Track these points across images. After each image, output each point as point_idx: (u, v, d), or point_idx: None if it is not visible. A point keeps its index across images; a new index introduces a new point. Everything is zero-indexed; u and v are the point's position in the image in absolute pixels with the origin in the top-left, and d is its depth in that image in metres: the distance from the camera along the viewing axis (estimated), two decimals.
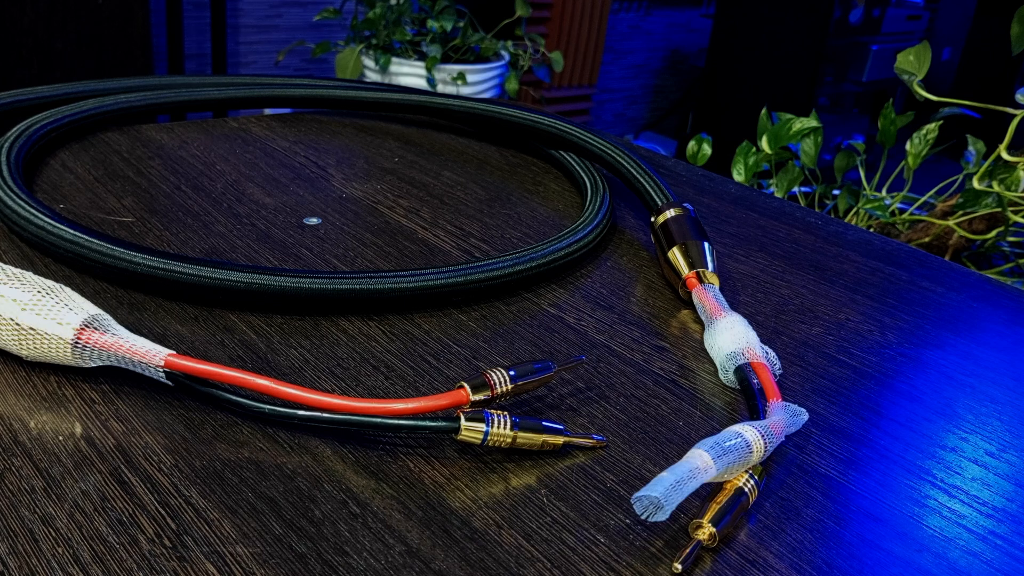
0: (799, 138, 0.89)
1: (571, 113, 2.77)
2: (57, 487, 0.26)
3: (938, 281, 0.48)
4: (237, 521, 0.26)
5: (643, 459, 0.30)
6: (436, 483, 0.28)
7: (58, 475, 0.27)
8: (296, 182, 0.52)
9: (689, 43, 3.24)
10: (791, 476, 0.31)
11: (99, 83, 0.59)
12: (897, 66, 0.77)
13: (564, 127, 0.55)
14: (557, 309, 0.40)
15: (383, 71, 1.78)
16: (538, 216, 0.51)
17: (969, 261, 0.86)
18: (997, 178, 0.75)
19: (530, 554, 0.26)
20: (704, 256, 0.42)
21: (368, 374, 0.34)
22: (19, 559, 0.24)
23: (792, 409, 0.31)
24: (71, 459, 0.27)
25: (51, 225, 0.39)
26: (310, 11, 2.18)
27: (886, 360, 0.39)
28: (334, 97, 0.62)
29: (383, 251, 0.44)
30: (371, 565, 0.25)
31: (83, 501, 0.26)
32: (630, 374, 0.36)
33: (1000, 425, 0.35)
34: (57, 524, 0.25)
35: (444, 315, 0.38)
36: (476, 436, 0.29)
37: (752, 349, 0.35)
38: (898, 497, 0.30)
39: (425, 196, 0.52)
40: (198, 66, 2.04)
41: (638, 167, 0.50)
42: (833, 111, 2.86)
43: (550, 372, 0.32)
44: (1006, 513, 0.30)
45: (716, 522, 0.26)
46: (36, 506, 0.25)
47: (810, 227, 0.54)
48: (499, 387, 0.30)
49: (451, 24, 1.77)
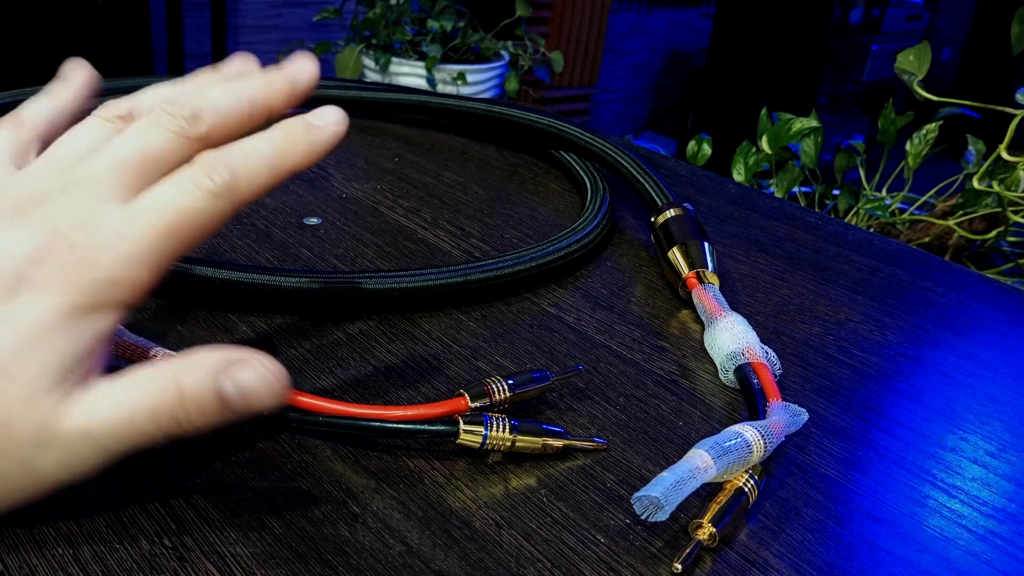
0: (799, 138, 0.89)
1: (571, 113, 2.77)
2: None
3: (938, 281, 0.48)
4: (237, 521, 0.26)
5: (643, 459, 0.30)
6: (436, 483, 0.28)
7: None
8: (296, 182, 0.52)
9: (689, 43, 3.24)
10: (791, 476, 0.31)
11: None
12: (897, 66, 0.77)
13: (564, 127, 0.55)
14: (557, 309, 0.40)
15: (383, 71, 1.78)
16: (538, 216, 0.51)
17: (969, 261, 0.86)
18: (997, 178, 0.75)
19: (530, 554, 0.26)
20: (704, 256, 0.42)
21: (368, 374, 0.34)
22: (19, 559, 0.24)
23: (792, 409, 0.31)
24: None
25: None
26: (310, 11, 2.18)
27: (886, 360, 0.39)
28: (334, 97, 0.62)
29: (383, 251, 0.44)
30: (371, 565, 0.25)
31: (83, 500, 0.26)
32: (630, 374, 0.36)
33: (1000, 425, 0.35)
34: (57, 524, 0.25)
35: (444, 315, 0.39)
36: (475, 440, 0.29)
37: (752, 349, 0.35)
38: (898, 497, 0.30)
39: (425, 196, 0.52)
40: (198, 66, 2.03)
41: (638, 167, 0.50)
42: (833, 111, 2.86)
43: (548, 381, 0.32)
44: (1006, 513, 0.30)
45: (716, 522, 0.26)
46: (36, 506, 0.25)
47: (810, 227, 0.54)
48: (497, 395, 0.30)
49: (451, 24, 1.77)
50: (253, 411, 0.24)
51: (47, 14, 1.63)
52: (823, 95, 2.77)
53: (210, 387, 0.23)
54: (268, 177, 0.25)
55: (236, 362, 0.23)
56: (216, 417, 0.23)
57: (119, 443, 0.23)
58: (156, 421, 0.23)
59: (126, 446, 0.23)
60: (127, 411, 0.23)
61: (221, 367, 0.23)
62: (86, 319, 0.23)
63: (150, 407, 0.23)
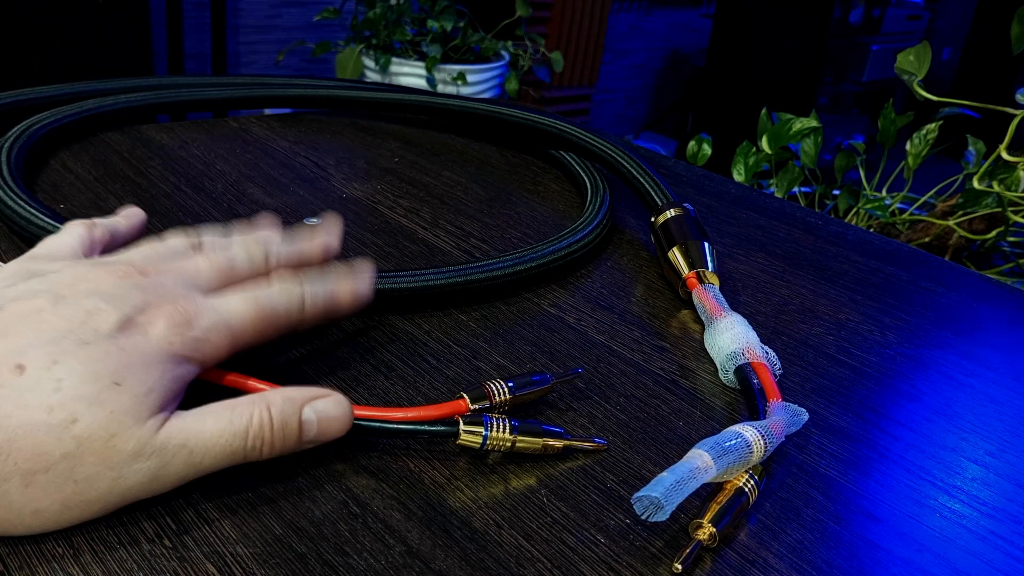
0: (799, 138, 0.89)
1: (571, 113, 2.77)
2: None
3: (938, 281, 0.48)
4: (237, 521, 0.26)
5: (643, 459, 0.30)
6: (436, 483, 0.28)
7: None
8: (296, 182, 0.52)
9: (689, 43, 3.24)
10: (791, 476, 0.31)
11: (99, 83, 0.59)
12: (897, 66, 0.77)
13: (564, 127, 0.55)
14: (557, 309, 0.40)
15: (383, 71, 1.78)
16: (538, 216, 0.51)
17: (969, 261, 0.86)
18: (997, 178, 0.75)
19: (530, 554, 0.26)
20: (704, 256, 0.42)
21: (368, 374, 0.34)
22: (19, 559, 0.24)
23: (792, 409, 0.31)
24: None
25: (51, 225, 0.39)
26: (310, 11, 2.18)
27: (886, 360, 0.39)
28: (334, 97, 0.62)
29: (383, 251, 0.44)
30: (371, 565, 0.25)
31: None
32: (630, 374, 0.36)
33: (1000, 425, 0.35)
34: None
35: (444, 315, 0.39)
36: (475, 440, 0.29)
37: (752, 349, 0.35)
38: (898, 497, 0.30)
39: (425, 196, 0.52)
40: (198, 66, 2.04)
41: (638, 167, 0.50)
42: (833, 111, 2.86)
43: (548, 384, 0.32)
44: (1006, 513, 0.30)
45: (716, 522, 0.26)
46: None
47: (810, 227, 0.54)
48: (497, 398, 0.30)
49: (451, 24, 1.77)
50: (324, 439, 0.28)
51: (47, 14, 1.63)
52: (823, 95, 2.77)
53: (295, 414, 0.27)
54: (323, 313, 0.32)
55: (317, 395, 0.28)
56: (295, 442, 0.27)
57: (211, 458, 0.26)
58: (245, 441, 0.26)
59: (216, 463, 0.26)
60: (222, 429, 0.26)
61: (307, 398, 0.28)
62: (180, 364, 0.27)
63: (243, 428, 0.26)
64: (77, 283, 0.27)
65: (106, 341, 0.25)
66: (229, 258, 0.31)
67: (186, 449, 0.25)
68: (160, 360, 0.26)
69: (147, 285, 0.28)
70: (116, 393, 0.24)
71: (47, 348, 0.24)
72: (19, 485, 0.23)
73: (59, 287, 0.27)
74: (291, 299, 0.30)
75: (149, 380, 0.25)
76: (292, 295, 0.31)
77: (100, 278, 0.27)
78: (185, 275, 0.29)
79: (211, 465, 0.26)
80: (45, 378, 0.24)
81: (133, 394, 0.25)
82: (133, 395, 0.25)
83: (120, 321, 0.26)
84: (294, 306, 0.30)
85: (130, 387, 0.25)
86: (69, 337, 0.25)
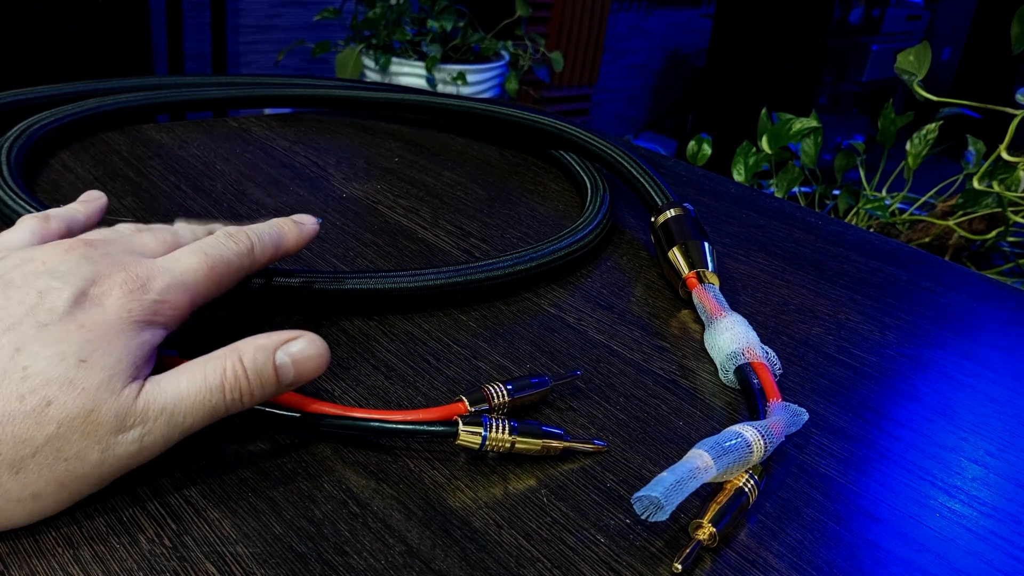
0: (799, 138, 0.89)
1: (571, 113, 2.77)
2: None
3: (938, 281, 0.48)
4: (237, 521, 0.26)
5: (643, 459, 0.30)
6: (436, 483, 0.28)
7: None
8: (296, 182, 0.52)
9: (689, 43, 3.24)
10: (791, 476, 0.31)
11: (99, 83, 0.59)
12: (897, 66, 0.77)
13: (564, 127, 0.55)
14: (557, 309, 0.40)
15: (383, 71, 1.78)
16: (538, 216, 0.51)
17: (969, 261, 0.86)
18: (997, 178, 0.75)
19: (530, 554, 0.26)
20: (704, 256, 0.42)
21: (368, 374, 0.34)
22: (19, 560, 0.24)
23: (792, 409, 0.31)
24: None
25: None
26: (310, 11, 2.18)
27: (886, 360, 0.39)
28: (334, 97, 0.62)
29: (383, 251, 0.44)
30: (371, 565, 0.25)
31: (83, 501, 0.26)
32: (630, 374, 0.36)
33: (1000, 425, 0.35)
34: (57, 525, 0.25)
35: (444, 315, 0.39)
36: (474, 441, 0.29)
37: (752, 349, 0.35)
38: (898, 497, 0.30)
39: (425, 196, 0.52)
40: (198, 66, 2.04)
41: (638, 167, 0.50)
42: (833, 111, 2.86)
43: (547, 386, 0.32)
44: (1006, 513, 0.30)
45: (716, 522, 0.26)
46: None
47: (810, 227, 0.54)
48: (496, 400, 0.30)
49: (451, 24, 1.77)
50: (303, 380, 0.28)
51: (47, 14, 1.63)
52: (823, 95, 2.77)
53: (268, 360, 0.27)
54: (273, 252, 0.33)
55: (289, 337, 0.28)
56: (273, 388, 0.27)
57: (192, 417, 0.26)
58: (223, 395, 0.26)
59: (199, 420, 0.26)
60: (198, 387, 0.26)
61: (278, 342, 0.28)
62: (142, 330, 0.27)
63: (218, 382, 0.26)
64: (24, 265, 0.27)
65: (65, 319, 0.25)
66: (173, 232, 0.32)
67: (166, 412, 0.25)
68: (122, 330, 0.26)
69: (95, 256, 0.28)
70: (84, 370, 0.24)
71: (7, 336, 0.24)
72: (9, 473, 0.23)
73: (6, 273, 0.27)
74: (239, 244, 0.31)
75: (115, 352, 0.25)
76: (240, 240, 0.31)
77: (47, 256, 0.27)
78: (132, 247, 0.30)
79: (194, 424, 0.26)
80: (11, 367, 0.24)
81: (101, 368, 0.25)
82: (102, 369, 0.25)
83: (74, 296, 0.26)
84: (244, 250, 0.31)
85: (97, 362, 0.25)
86: (26, 322, 0.25)
